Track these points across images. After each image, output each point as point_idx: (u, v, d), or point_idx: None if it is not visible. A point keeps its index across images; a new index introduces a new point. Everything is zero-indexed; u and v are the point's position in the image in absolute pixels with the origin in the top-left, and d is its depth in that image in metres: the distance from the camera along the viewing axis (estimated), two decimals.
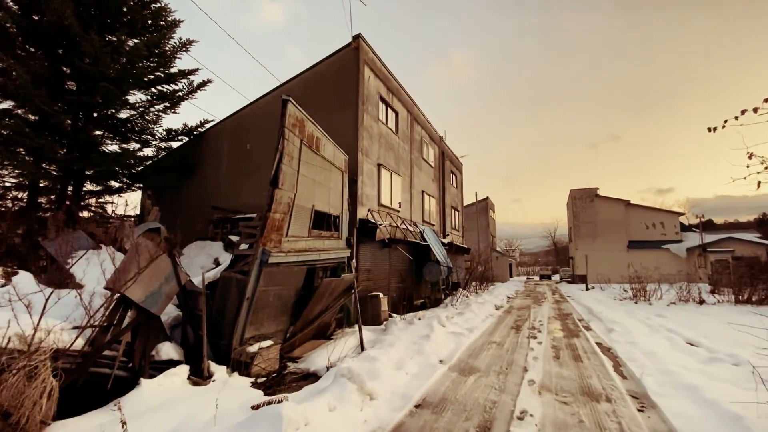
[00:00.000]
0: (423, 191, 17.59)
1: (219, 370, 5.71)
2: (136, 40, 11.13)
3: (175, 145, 14.78)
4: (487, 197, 42.06)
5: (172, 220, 14.92)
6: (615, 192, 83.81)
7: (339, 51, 12.38)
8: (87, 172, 13.14)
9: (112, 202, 14.49)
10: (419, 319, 9.77)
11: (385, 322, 9.29)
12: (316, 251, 8.33)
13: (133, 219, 17.10)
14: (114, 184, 14.45)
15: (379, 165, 12.86)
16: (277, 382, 5.98)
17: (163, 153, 14.91)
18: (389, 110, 14.39)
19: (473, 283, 22.37)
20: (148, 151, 14.18)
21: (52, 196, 10.91)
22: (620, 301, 16.22)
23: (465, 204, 34.24)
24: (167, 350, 5.40)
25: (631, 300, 16.28)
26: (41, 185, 10.86)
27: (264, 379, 6.04)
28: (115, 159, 10.50)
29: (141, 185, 15.69)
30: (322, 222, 9.27)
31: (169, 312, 6.71)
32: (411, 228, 14.62)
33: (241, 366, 6.07)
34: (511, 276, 54.99)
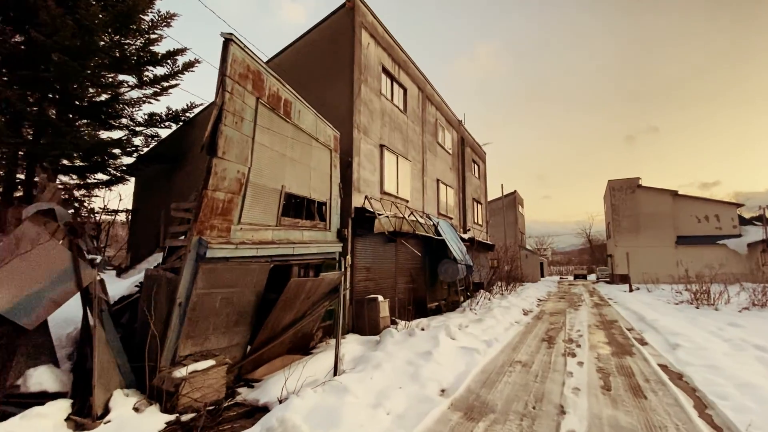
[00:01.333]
0: (438, 180, 15.62)
1: (124, 405, 4.13)
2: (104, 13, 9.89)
3: (165, 133, 13.58)
4: (515, 191, 39.23)
5: (156, 212, 13.79)
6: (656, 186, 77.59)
7: (333, 14, 10.68)
8: (68, 161, 12.11)
9: (97, 196, 13.53)
10: (422, 329, 7.89)
11: (384, 331, 7.50)
12: (289, 244, 6.65)
13: (125, 213, 16.20)
14: (102, 176, 13.48)
15: (381, 146, 11.07)
16: (210, 422, 4.33)
17: (154, 142, 13.79)
18: (395, 85, 12.56)
19: (498, 284, 20.14)
20: (137, 141, 13.08)
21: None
22: (676, 306, 13.59)
23: (490, 199, 31.87)
24: (41, 378, 3.87)
25: (689, 304, 13.60)
26: None
27: (193, 415, 4.40)
28: (77, 144, 9.29)
29: (132, 178, 14.68)
30: (301, 209, 7.59)
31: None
32: (422, 220, 12.73)
33: (163, 396, 4.46)
34: (542, 276, 51.62)
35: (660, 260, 29.04)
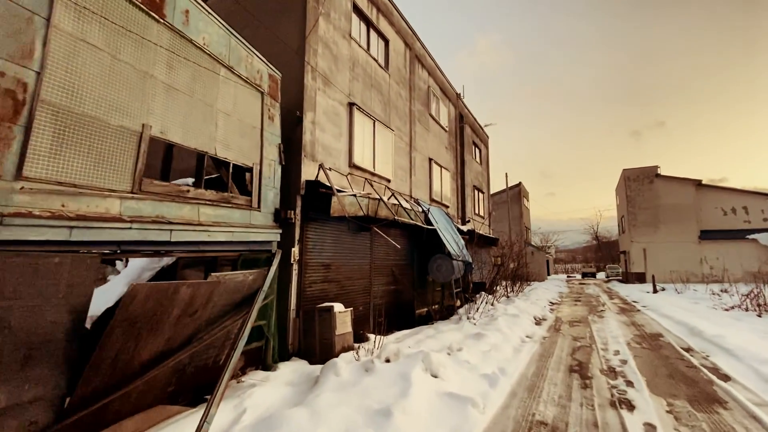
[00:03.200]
0: (431, 160, 12.97)
1: None
2: None
3: None
4: (520, 183, 36.46)
5: None
6: None
7: None
8: None
9: None
10: (387, 360, 5.22)
11: (329, 364, 4.88)
12: (163, 225, 4.04)
13: None
14: None
15: (351, 105, 8.43)
16: None
17: None
18: (372, 32, 9.89)
19: (503, 284, 17.50)
20: None
21: None
22: (727, 312, 10.89)
23: (493, 191, 29.08)
24: None
25: (743, 310, 10.87)
26: None
27: None
28: None
29: None
30: (200, 172, 4.98)
31: None
32: (408, 205, 10.10)
33: None
34: (548, 274, 48.86)
35: (681, 257, 26.23)
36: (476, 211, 18.55)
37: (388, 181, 9.94)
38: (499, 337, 7.50)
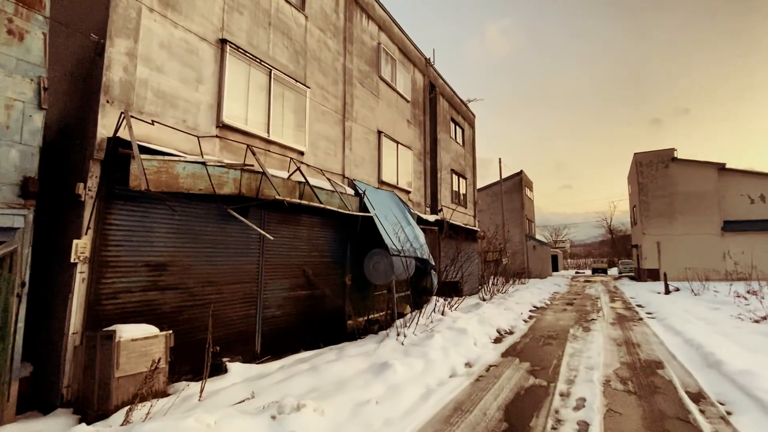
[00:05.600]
0: (382, 133, 10.55)
1: None
2: None
3: None
4: (521, 171, 33.49)
5: None
6: None
7: None
8: None
9: None
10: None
11: (128, 409, 2.65)
12: None
13: None
14: None
15: (223, 42, 6.10)
16: None
17: None
18: None
19: (492, 280, 15.04)
20: None
21: None
22: (755, 324, 8.23)
23: (493, 181, 26.15)
24: None
25: None
26: None
27: None
28: None
29: None
30: None
31: None
32: (329, 185, 7.76)
33: None
34: (556, 270, 45.82)
35: (701, 251, 23.11)
36: (456, 200, 16.04)
37: (300, 153, 7.61)
38: (417, 368, 5.16)
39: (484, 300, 12.38)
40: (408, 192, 11.91)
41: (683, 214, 24.29)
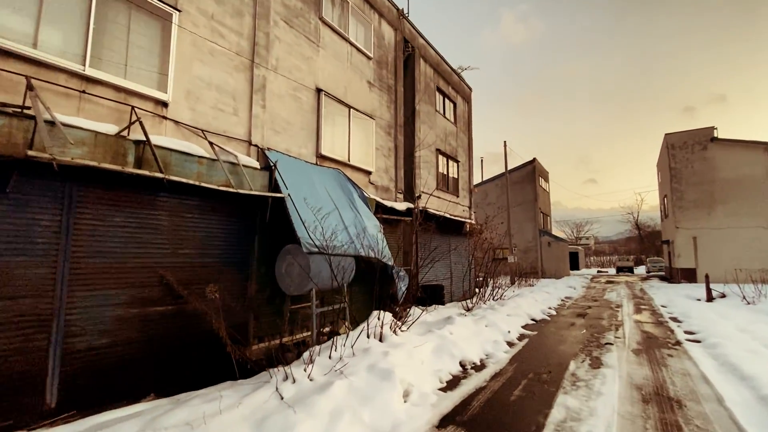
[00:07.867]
0: (323, 92, 8.02)
1: None
2: None
3: None
4: (534, 159, 30.10)
5: None
6: None
7: None
8: None
9: None
10: None
11: None
12: None
13: None
14: None
15: None
16: None
17: None
18: None
19: (490, 283, 12.26)
20: None
21: None
22: None
23: (497, 173, 23.00)
24: None
25: None
26: None
27: None
28: None
29: None
30: None
31: None
32: (209, 152, 5.31)
33: None
34: (576, 269, 42.06)
35: (749, 248, 19.46)
36: (444, 187, 13.33)
37: (161, 104, 5.17)
38: None
39: (467, 310, 9.66)
40: (368, 173, 9.33)
41: (725, 203, 20.61)
